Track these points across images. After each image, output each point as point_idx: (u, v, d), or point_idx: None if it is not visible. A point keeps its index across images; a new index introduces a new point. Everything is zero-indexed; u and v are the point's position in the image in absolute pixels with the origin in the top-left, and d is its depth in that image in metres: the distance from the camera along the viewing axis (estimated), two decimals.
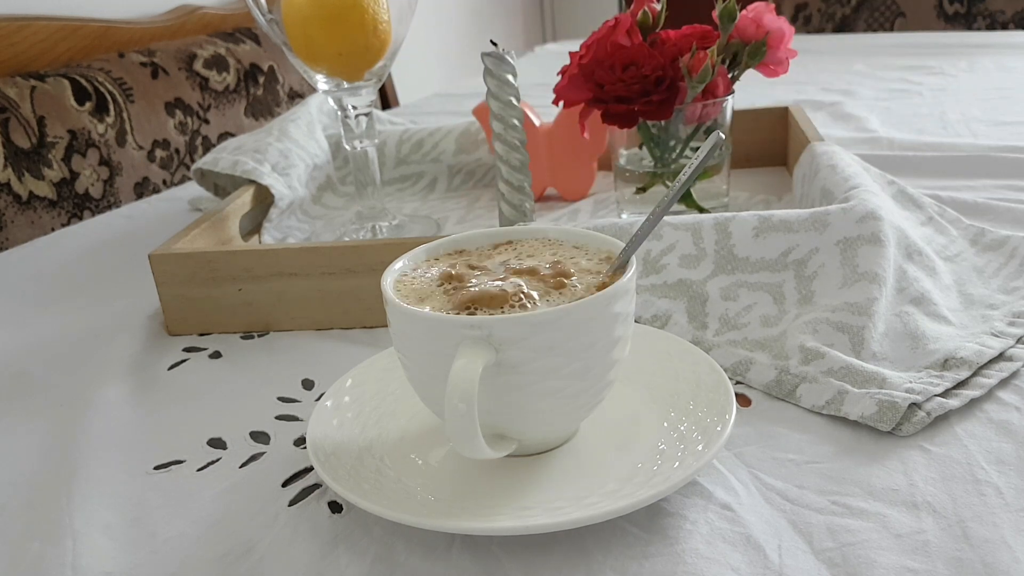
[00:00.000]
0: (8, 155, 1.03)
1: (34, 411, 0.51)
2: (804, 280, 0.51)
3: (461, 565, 0.35)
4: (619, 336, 0.37)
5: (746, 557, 0.34)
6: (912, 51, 1.34)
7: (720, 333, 0.50)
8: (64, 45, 1.22)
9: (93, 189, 1.14)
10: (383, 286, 0.38)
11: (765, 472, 0.39)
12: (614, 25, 0.63)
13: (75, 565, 0.37)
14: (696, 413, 0.40)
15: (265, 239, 0.72)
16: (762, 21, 0.63)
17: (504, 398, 0.36)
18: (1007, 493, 0.36)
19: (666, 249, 0.53)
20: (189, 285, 0.58)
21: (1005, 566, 0.32)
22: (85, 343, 0.59)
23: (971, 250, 0.58)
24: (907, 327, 0.47)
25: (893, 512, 0.36)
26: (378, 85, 0.69)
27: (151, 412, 0.50)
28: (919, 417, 0.41)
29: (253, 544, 0.37)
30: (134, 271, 0.70)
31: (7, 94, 1.06)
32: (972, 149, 0.80)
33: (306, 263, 0.56)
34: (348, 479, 0.37)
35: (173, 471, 0.44)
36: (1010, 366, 0.44)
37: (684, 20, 0.66)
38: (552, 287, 0.37)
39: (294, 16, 0.64)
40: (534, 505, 0.36)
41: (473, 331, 0.34)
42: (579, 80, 0.64)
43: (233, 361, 0.55)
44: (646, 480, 0.36)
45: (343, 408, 0.43)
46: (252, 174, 0.74)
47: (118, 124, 1.19)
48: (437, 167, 0.86)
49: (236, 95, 1.41)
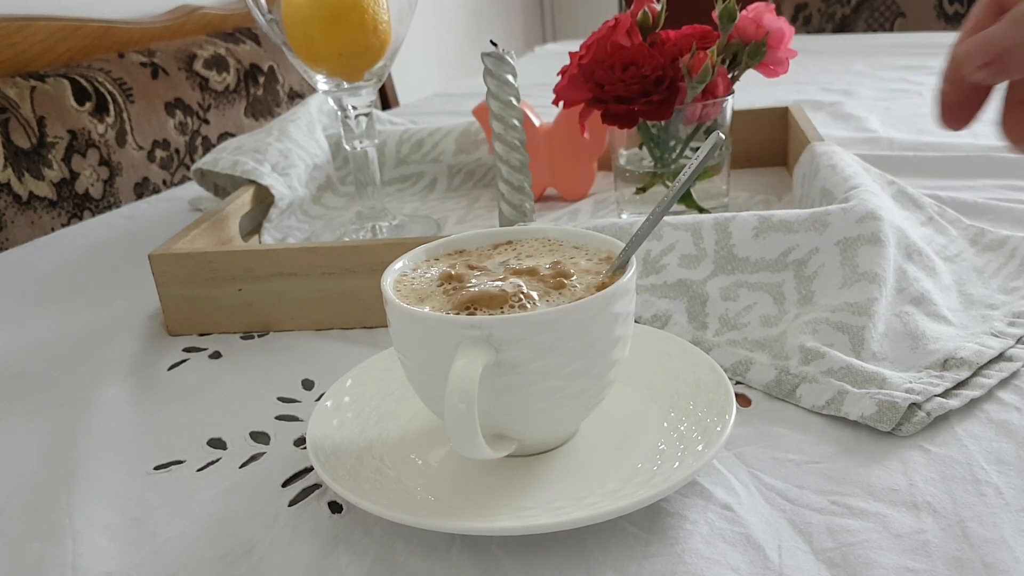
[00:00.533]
0: (8, 155, 1.03)
1: (34, 411, 0.51)
2: (804, 280, 0.51)
3: (461, 565, 0.35)
4: (619, 336, 0.37)
5: (746, 557, 0.34)
6: (912, 51, 1.34)
7: (720, 333, 0.50)
8: (64, 45, 1.22)
9: (93, 189, 1.14)
10: (383, 286, 0.38)
11: (765, 472, 0.39)
12: (614, 25, 0.63)
13: (75, 565, 0.37)
14: (696, 413, 0.40)
15: (265, 239, 0.72)
16: (762, 21, 0.63)
17: (504, 398, 0.36)
18: (1007, 493, 0.36)
19: (666, 249, 0.53)
20: (189, 285, 0.58)
21: (1005, 566, 0.32)
22: (85, 343, 0.59)
23: (971, 250, 0.58)
24: (907, 327, 0.47)
25: (893, 512, 0.36)
26: (378, 85, 0.69)
27: (151, 412, 0.50)
28: (919, 417, 0.41)
29: (253, 544, 0.37)
30: (134, 271, 0.70)
31: (7, 94, 1.06)
32: (972, 149, 0.80)
33: (306, 263, 0.56)
34: (348, 479, 0.37)
35: (173, 471, 0.44)
36: (1010, 366, 0.44)
37: (684, 20, 0.66)
38: (552, 287, 0.37)
39: (294, 16, 0.64)
40: (534, 505, 0.36)
41: (473, 331, 0.34)
42: (579, 80, 0.64)
43: (233, 361, 0.55)
44: (646, 480, 0.36)
45: (343, 408, 0.43)
46: (252, 174, 0.74)
47: (118, 124, 1.19)
48: (437, 167, 0.86)
49: (236, 95, 1.41)
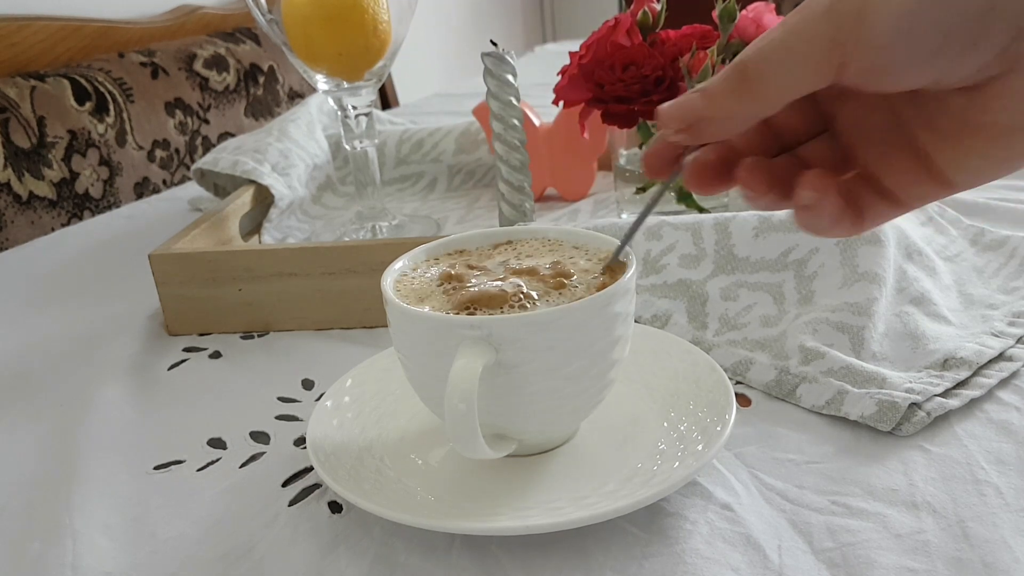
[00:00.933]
0: (8, 155, 1.03)
1: (34, 411, 0.51)
2: (804, 280, 0.51)
3: (461, 565, 0.35)
4: (619, 336, 0.37)
5: (746, 557, 0.34)
6: None
7: (720, 333, 0.50)
8: (64, 45, 1.22)
9: (93, 189, 1.14)
10: (383, 286, 0.38)
11: (765, 472, 0.39)
12: (614, 25, 0.63)
13: (75, 565, 0.37)
14: (696, 413, 0.40)
15: (265, 239, 0.72)
16: (762, 21, 0.63)
17: (504, 398, 0.36)
18: (1007, 493, 0.36)
19: (666, 249, 0.53)
20: (189, 285, 0.58)
21: (1005, 566, 0.32)
22: (85, 343, 0.59)
23: (971, 250, 0.58)
24: (907, 327, 0.47)
25: (893, 512, 0.36)
26: (378, 85, 0.69)
27: (151, 412, 0.50)
28: (919, 417, 0.41)
29: (253, 544, 0.37)
30: (134, 271, 0.70)
31: (7, 94, 1.06)
32: None
33: (306, 263, 0.56)
34: (348, 479, 0.37)
35: (173, 471, 0.44)
36: (1010, 366, 0.44)
37: (684, 20, 0.66)
38: (552, 287, 0.37)
39: (294, 16, 0.64)
40: (534, 505, 0.36)
41: (473, 331, 0.34)
42: (579, 80, 0.64)
43: (233, 361, 0.55)
44: (646, 480, 0.36)
45: (343, 408, 0.43)
46: (252, 174, 0.74)
47: (118, 124, 1.19)
48: (437, 167, 0.86)
49: (236, 95, 1.41)
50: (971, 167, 0.29)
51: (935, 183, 0.29)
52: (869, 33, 0.26)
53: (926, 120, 0.29)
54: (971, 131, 0.28)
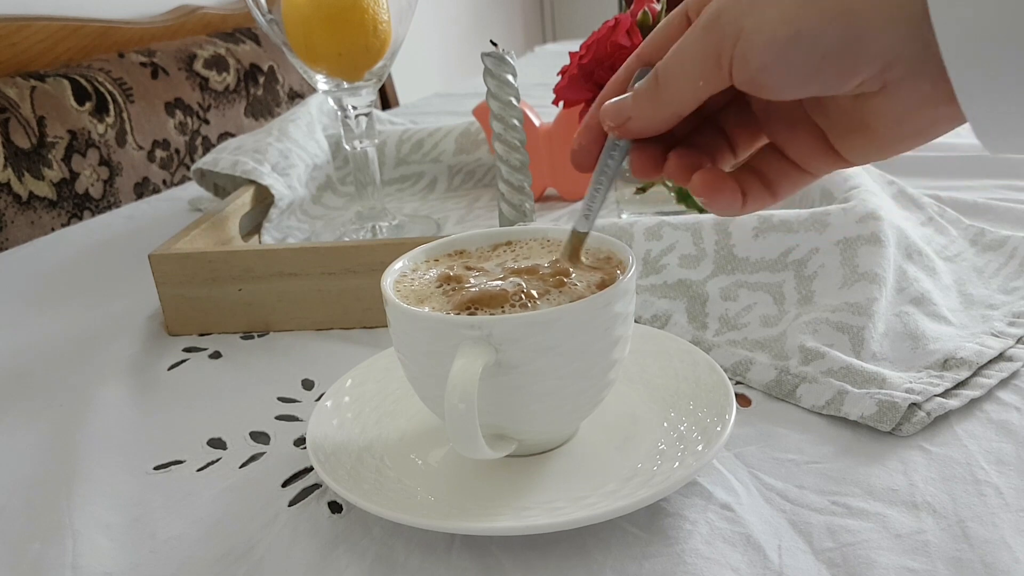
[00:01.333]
0: (8, 155, 1.03)
1: (34, 411, 0.51)
2: (804, 280, 0.51)
3: (461, 565, 0.35)
4: (619, 336, 0.37)
5: (746, 557, 0.34)
6: None
7: (720, 333, 0.50)
8: (64, 45, 1.22)
9: (93, 189, 1.14)
10: (383, 286, 0.38)
11: (765, 472, 0.39)
12: (614, 25, 0.63)
13: (75, 565, 0.37)
14: (696, 413, 0.40)
15: (265, 239, 0.72)
16: None
17: (504, 398, 0.36)
18: (1007, 493, 0.36)
19: (666, 249, 0.53)
20: (189, 285, 0.58)
21: (1005, 566, 0.32)
22: (85, 343, 0.59)
23: (971, 250, 0.58)
24: (907, 327, 0.47)
25: (893, 512, 0.36)
26: (378, 85, 0.69)
27: (151, 412, 0.50)
28: (919, 417, 0.41)
29: (253, 544, 0.37)
30: (134, 271, 0.70)
31: (7, 94, 1.06)
32: (972, 149, 0.79)
33: (306, 263, 0.56)
34: (348, 479, 0.37)
35: (173, 471, 0.44)
36: (1010, 366, 0.44)
37: None
38: (552, 285, 0.37)
39: (294, 16, 0.64)
40: (534, 505, 0.36)
41: (473, 331, 0.34)
42: (579, 80, 0.64)
43: (233, 361, 0.55)
44: (646, 480, 0.36)
45: (343, 408, 0.43)
46: (252, 174, 0.74)
47: (118, 124, 1.19)
48: (437, 167, 0.86)
49: (236, 95, 1.41)
50: (859, 151, 0.32)
51: (832, 158, 0.33)
52: (746, 55, 0.28)
53: (821, 110, 0.32)
54: (857, 126, 0.31)
